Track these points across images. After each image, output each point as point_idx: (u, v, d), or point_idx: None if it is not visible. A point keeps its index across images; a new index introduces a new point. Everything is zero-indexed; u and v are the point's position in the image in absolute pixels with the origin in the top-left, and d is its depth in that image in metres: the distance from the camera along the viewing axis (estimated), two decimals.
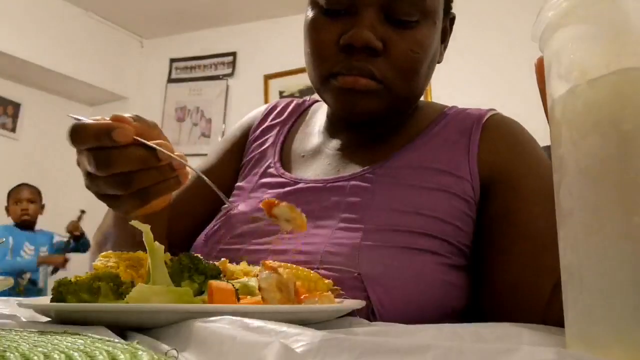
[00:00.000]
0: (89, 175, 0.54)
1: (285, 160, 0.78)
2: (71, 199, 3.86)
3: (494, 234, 0.63)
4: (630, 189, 0.25)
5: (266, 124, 0.85)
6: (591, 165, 0.27)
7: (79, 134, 0.51)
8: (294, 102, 0.88)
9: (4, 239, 3.31)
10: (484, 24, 3.09)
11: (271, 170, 0.76)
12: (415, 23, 0.65)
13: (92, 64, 3.98)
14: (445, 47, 0.75)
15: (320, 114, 0.83)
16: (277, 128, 0.84)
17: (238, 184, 0.80)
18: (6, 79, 3.81)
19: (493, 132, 0.69)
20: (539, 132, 0.77)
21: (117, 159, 0.51)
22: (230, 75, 4.15)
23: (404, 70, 0.65)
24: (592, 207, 0.27)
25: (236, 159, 0.84)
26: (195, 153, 3.70)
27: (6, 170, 3.69)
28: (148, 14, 4.01)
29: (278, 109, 0.88)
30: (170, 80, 4.26)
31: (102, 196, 0.56)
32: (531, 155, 0.67)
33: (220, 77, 4.16)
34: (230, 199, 0.76)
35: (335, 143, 0.76)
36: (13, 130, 3.90)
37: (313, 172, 0.74)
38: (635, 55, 0.26)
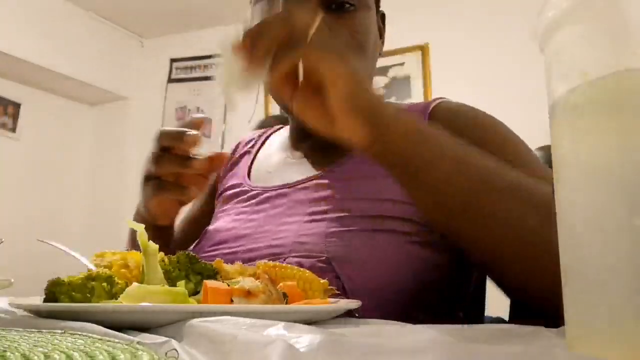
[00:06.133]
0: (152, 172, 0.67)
1: (254, 177, 0.85)
2: (71, 199, 3.87)
3: None
4: (631, 190, 0.25)
5: (233, 159, 0.93)
6: (591, 166, 0.27)
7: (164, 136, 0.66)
8: (257, 132, 0.97)
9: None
10: (484, 26, 3.09)
11: (243, 188, 0.83)
12: (352, 8, 0.71)
13: (92, 64, 3.97)
14: (382, 43, 0.81)
15: (279, 136, 0.92)
16: (246, 157, 0.91)
17: (215, 210, 0.87)
18: (6, 79, 3.81)
19: (440, 119, 0.71)
20: (539, 133, 0.77)
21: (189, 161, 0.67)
22: None
23: None
24: (592, 207, 0.27)
25: (209, 200, 0.93)
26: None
27: (6, 170, 3.68)
28: (148, 14, 4.01)
29: (243, 143, 0.96)
30: (170, 80, 4.25)
31: (158, 189, 0.68)
32: (485, 128, 0.69)
33: None
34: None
35: (297, 154, 0.82)
36: (13, 130, 3.89)
37: (280, 181, 0.79)
38: (635, 55, 0.26)
